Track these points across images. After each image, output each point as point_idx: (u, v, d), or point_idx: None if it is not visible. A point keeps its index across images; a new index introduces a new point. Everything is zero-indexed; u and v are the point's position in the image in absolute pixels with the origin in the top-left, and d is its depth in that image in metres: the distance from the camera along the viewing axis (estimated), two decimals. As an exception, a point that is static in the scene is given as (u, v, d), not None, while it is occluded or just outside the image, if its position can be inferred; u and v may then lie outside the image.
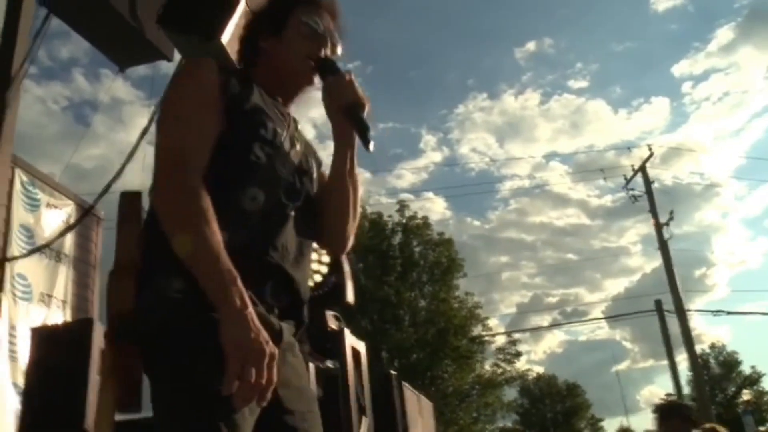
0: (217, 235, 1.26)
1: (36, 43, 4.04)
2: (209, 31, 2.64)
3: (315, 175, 1.63)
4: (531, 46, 60.75)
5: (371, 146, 1.53)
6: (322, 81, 1.61)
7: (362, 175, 1.74)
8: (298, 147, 1.56)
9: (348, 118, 1.56)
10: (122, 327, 1.32)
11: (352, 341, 2.11)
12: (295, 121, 1.64)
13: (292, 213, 1.48)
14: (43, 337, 2.83)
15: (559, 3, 65.35)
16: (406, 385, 3.76)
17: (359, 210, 1.71)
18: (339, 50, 1.70)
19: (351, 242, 1.72)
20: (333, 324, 2.54)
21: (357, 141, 1.61)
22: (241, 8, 2.65)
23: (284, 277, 1.43)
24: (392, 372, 3.54)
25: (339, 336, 1.74)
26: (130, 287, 1.31)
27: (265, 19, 1.69)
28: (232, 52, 2.49)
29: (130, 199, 1.49)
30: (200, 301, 1.23)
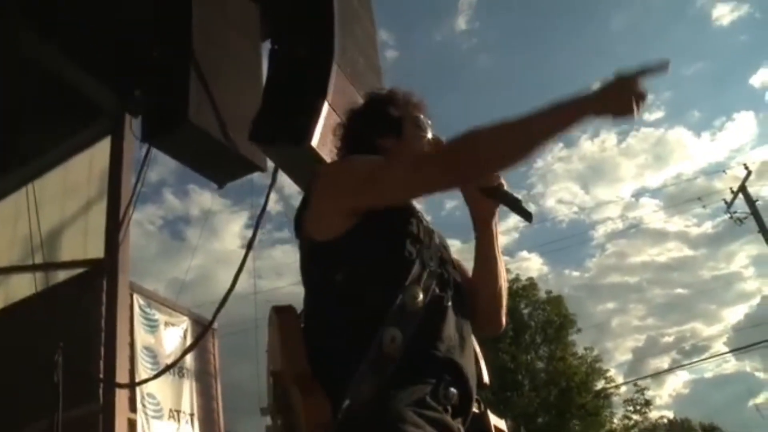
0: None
1: (141, 176, 4.35)
2: (298, 137, 2.80)
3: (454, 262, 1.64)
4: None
5: (532, 217, 1.52)
6: None
7: (454, 245, 1.76)
8: (436, 239, 1.57)
9: (494, 197, 1.58)
10: None
11: (495, 420, 2.06)
12: (423, 216, 1.65)
13: (449, 304, 1.48)
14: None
15: (614, 40, 64.80)
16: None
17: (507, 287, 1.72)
18: None
19: (504, 321, 1.72)
20: (474, 407, 2.49)
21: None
22: (325, 111, 2.80)
23: (456, 372, 1.42)
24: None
25: (484, 419, 1.69)
26: (321, 399, 1.31)
27: (381, 120, 1.72)
28: (327, 152, 2.62)
29: (287, 312, 1.53)
30: (396, 395, 1.27)
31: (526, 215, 1.53)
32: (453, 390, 1.39)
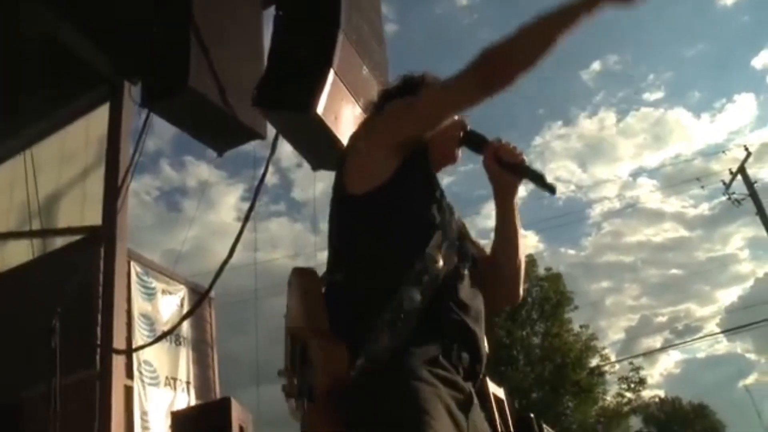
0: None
1: (140, 144, 4.30)
2: (304, 104, 2.75)
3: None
4: (596, 66, 59.65)
5: (556, 189, 1.60)
6: (475, 151, 1.68)
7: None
8: (456, 215, 1.63)
9: (519, 173, 1.64)
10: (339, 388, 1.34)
11: (493, 389, 2.10)
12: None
13: (466, 272, 1.53)
14: (183, 419, 2.93)
15: (616, 19, 64.29)
16: (545, 426, 3.66)
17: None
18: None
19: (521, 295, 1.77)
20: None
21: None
22: (330, 79, 2.76)
23: (468, 335, 1.46)
24: (531, 415, 3.46)
25: (483, 386, 1.72)
26: (340, 351, 1.34)
27: (413, 90, 1.73)
28: (332, 120, 2.59)
29: (308, 274, 1.57)
30: (412, 353, 1.33)
31: (550, 189, 1.59)
32: (465, 353, 1.44)
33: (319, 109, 2.75)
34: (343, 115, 3.14)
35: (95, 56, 5.26)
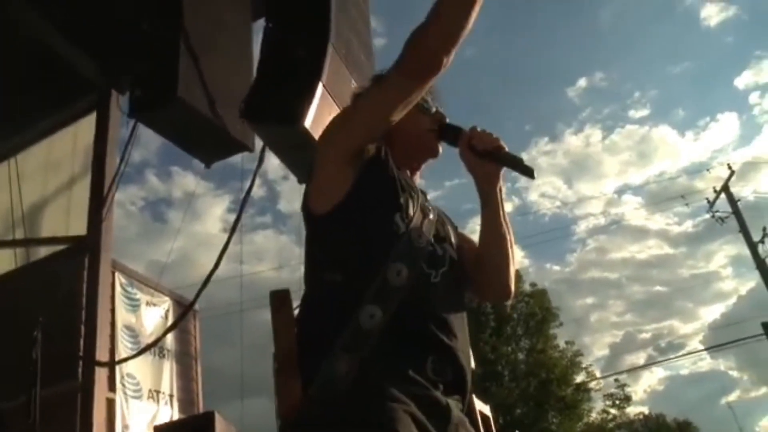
0: None
1: (126, 154, 4.28)
2: (292, 117, 2.75)
3: (454, 239, 1.62)
4: (583, 82, 60.20)
5: (534, 173, 1.53)
6: (451, 144, 1.64)
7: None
8: (431, 216, 1.56)
9: (495, 160, 1.59)
10: (295, 420, 1.29)
11: (479, 405, 2.08)
12: (424, 193, 1.65)
13: (437, 280, 1.46)
14: (166, 434, 2.89)
15: (601, 34, 64.96)
16: (531, 445, 3.65)
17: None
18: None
19: (513, 290, 1.71)
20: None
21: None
22: (319, 92, 2.76)
23: (444, 349, 1.39)
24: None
25: (469, 401, 1.70)
26: (291, 380, 1.30)
27: None
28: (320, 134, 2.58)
29: (282, 297, 1.49)
30: (376, 371, 1.27)
31: (529, 172, 1.54)
32: (442, 366, 1.37)
33: (307, 123, 2.74)
34: (332, 128, 3.13)
35: (84, 64, 5.24)
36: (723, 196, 21.63)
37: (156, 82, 3.57)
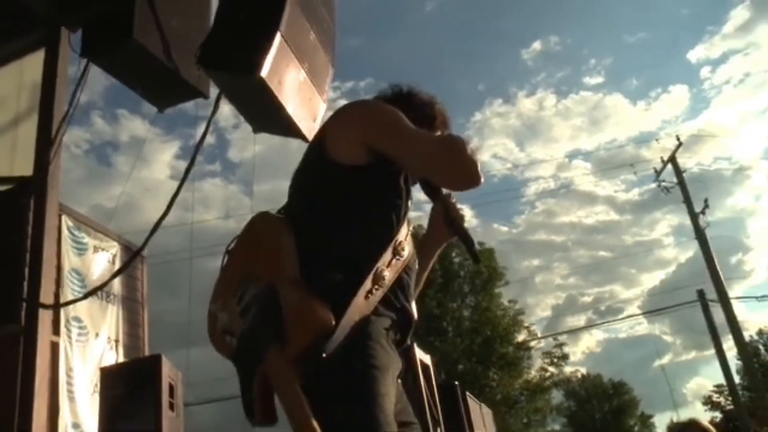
0: None
1: (77, 95, 4.18)
2: (249, 66, 2.74)
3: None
4: (537, 45, 60.47)
5: (479, 259, 2.05)
6: (429, 197, 1.91)
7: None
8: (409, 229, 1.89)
9: (456, 230, 1.87)
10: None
11: (420, 355, 2.21)
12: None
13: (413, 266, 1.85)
14: (112, 375, 2.92)
15: (560, 1, 65.21)
16: (469, 395, 3.78)
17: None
18: None
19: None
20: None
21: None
22: (277, 42, 2.74)
23: (406, 315, 1.76)
24: (456, 383, 3.57)
25: (410, 351, 1.88)
26: (324, 313, 1.48)
27: (422, 110, 1.95)
28: (276, 83, 2.58)
29: (280, 222, 1.70)
30: (376, 324, 1.62)
31: (475, 256, 1.92)
32: (402, 328, 1.76)
33: (264, 72, 2.73)
34: (288, 79, 3.13)
35: (33, -1, 5.04)
36: (669, 166, 22.22)
37: (111, 23, 3.49)
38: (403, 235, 1.78)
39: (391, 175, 1.75)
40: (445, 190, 1.87)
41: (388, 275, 1.68)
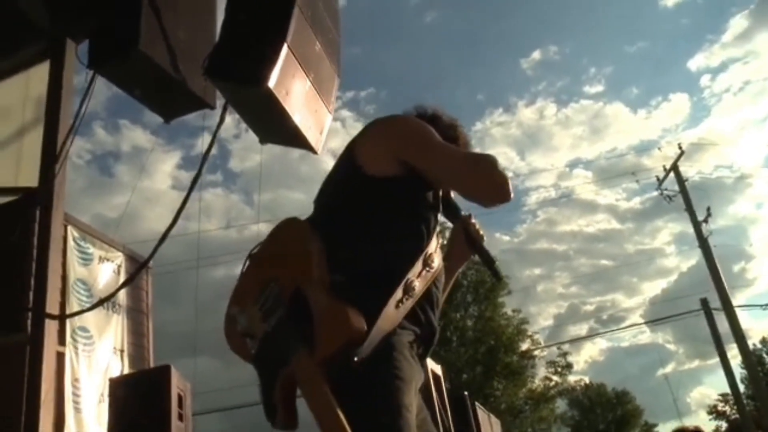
0: None
1: (83, 106, 4.20)
2: (256, 77, 2.75)
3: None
4: (537, 55, 60.59)
5: (501, 276, 2.02)
6: (449, 219, 2.01)
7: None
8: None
9: (477, 250, 1.97)
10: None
11: (432, 366, 2.25)
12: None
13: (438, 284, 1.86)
14: (122, 386, 2.92)
15: (562, 7, 65.34)
16: (478, 405, 3.78)
17: None
18: None
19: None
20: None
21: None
22: (284, 54, 2.76)
23: (431, 328, 1.79)
24: (465, 393, 3.57)
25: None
26: (358, 320, 1.50)
27: (448, 132, 1.98)
28: (283, 95, 2.59)
29: (310, 229, 1.71)
30: (397, 335, 1.64)
31: (497, 275, 2.06)
32: (425, 342, 1.79)
33: (271, 83, 2.75)
34: (294, 90, 3.14)
35: (38, 10, 5.07)
36: (671, 174, 22.20)
37: (117, 34, 3.51)
38: (433, 247, 1.81)
39: (421, 188, 1.79)
40: (465, 212, 1.96)
41: (418, 286, 1.71)
